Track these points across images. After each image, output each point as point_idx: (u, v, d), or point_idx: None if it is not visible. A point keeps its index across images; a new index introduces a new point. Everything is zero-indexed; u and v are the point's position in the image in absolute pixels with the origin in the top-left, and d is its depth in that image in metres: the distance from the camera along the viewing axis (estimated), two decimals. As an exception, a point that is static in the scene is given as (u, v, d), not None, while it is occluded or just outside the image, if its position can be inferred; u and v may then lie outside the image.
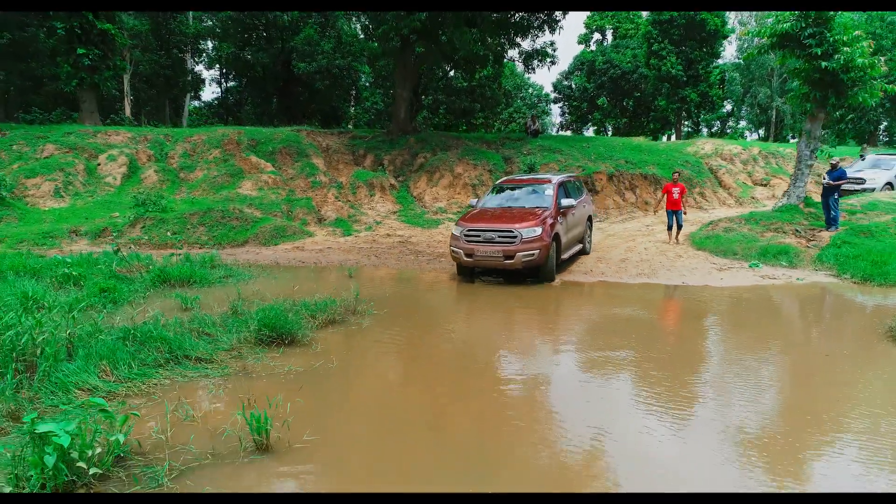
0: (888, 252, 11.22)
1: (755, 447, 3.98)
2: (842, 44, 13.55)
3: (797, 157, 14.85)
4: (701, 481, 3.55)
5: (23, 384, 4.65)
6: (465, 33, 18.82)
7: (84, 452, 3.32)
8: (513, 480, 3.55)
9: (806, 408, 4.68)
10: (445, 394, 5.03)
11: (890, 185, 17.25)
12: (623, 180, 18.61)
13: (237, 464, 3.67)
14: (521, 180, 12.00)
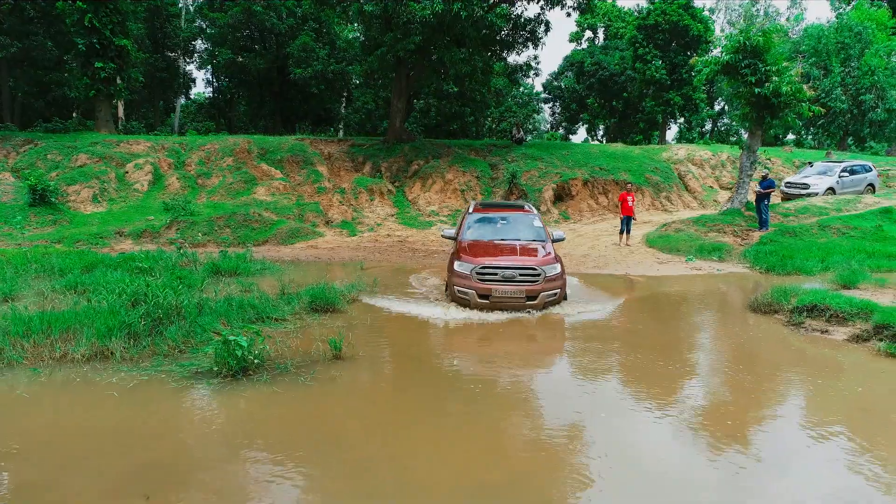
0: (797, 249, 14.87)
1: (605, 371, 7.50)
2: (773, 73, 17.20)
3: (740, 168, 18.53)
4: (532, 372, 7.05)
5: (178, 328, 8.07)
6: (455, 52, 22.34)
7: (251, 352, 6.75)
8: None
9: (656, 346, 8.21)
10: (433, 327, 8.54)
11: (832, 190, 20.88)
12: (597, 185, 22.19)
13: (326, 363, 7.12)
14: (500, 209, 12.36)
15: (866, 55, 31.88)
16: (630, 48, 42.57)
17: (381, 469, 4.76)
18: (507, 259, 9.61)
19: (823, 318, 8.88)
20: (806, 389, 6.70)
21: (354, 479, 4.58)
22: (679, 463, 4.94)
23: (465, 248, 10.05)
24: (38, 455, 4.84)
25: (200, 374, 6.64)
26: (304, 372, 6.80)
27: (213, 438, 5.27)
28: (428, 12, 19.79)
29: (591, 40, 55.34)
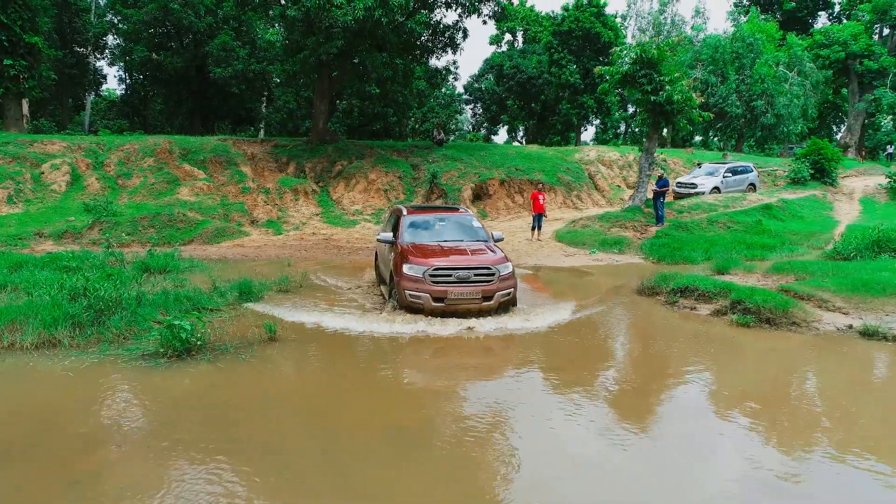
0: (686, 241, 16.85)
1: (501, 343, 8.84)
2: (667, 83, 19.22)
3: (639, 169, 20.52)
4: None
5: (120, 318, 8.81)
6: (377, 57, 23.40)
7: (194, 334, 7.63)
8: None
9: (552, 321, 9.64)
10: (352, 297, 9.65)
11: (717, 189, 23.31)
12: (513, 185, 23.80)
13: (262, 344, 8.08)
14: (434, 210, 12.36)
15: (757, 64, 35.19)
16: (546, 53, 44.85)
17: (312, 418, 5.86)
18: (460, 259, 9.43)
19: (693, 298, 10.58)
20: (674, 351, 8.25)
21: (290, 427, 5.66)
22: (559, 416, 6.28)
23: (411, 250, 9.67)
24: (14, 420, 5.66)
25: (147, 356, 7.48)
26: (243, 352, 7.75)
27: (168, 402, 6.19)
28: (349, 18, 20.72)
29: (510, 43, 57.61)
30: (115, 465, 4.84)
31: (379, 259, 11.80)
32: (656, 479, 4.70)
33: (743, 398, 6.38)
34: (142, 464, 4.83)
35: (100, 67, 43.22)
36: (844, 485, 4.63)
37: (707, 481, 4.73)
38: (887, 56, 36.47)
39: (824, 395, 6.76)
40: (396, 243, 10.13)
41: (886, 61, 36.01)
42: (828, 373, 7.58)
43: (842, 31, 37.79)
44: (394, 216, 11.70)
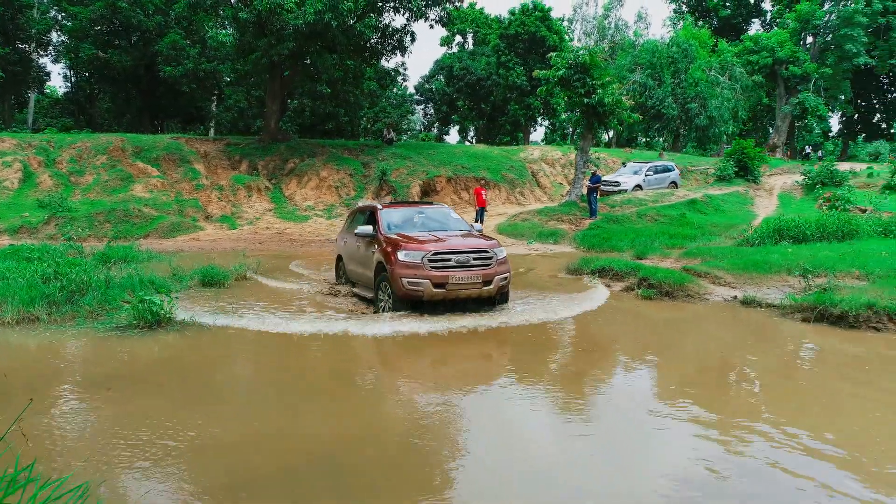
0: (615, 233, 18.53)
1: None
2: (598, 87, 20.91)
3: (575, 167, 22.19)
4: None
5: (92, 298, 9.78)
6: (327, 58, 24.49)
7: (162, 308, 8.71)
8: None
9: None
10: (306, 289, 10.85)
11: (639, 187, 25.17)
12: (459, 182, 25.21)
13: (225, 318, 9.19)
14: (410, 204, 12.43)
15: (691, 69, 37.55)
16: (494, 55, 46.57)
17: (257, 372, 7.08)
18: (457, 244, 9.22)
19: (608, 277, 12.15)
20: (588, 318, 9.73)
21: (239, 378, 6.87)
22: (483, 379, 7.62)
23: (402, 239, 9.34)
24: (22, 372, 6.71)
25: (121, 328, 8.53)
26: (206, 325, 8.88)
27: (144, 361, 7.30)
28: (300, 21, 21.75)
29: (461, 45, 59.23)
30: (111, 401, 5.97)
31: (347, 259, 11.41)
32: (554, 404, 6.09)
33: (643, 350, 7.86)
34: (129, 398, 5.97)
35: (43, 64, 42.89)
36: (693, 413, 6.11)
37: (605, 408, 6.15)
38: (810, 62, 39.34)
39: (700, 345, 8.31)
40: (380, 236, 9.78)
41: (809, 67, 38.88)
42: (707, 330, 9.16)
43: (769, 39, 40.58)
44: (363, 214, 11.43)
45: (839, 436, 4.91)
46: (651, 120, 38.25)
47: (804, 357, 7.83)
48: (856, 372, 6.95)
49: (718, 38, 43.42)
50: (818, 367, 7.45)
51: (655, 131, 41.19)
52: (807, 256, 12.72)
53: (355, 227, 11.09)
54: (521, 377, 6.60)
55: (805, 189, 26.08)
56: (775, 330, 8.89)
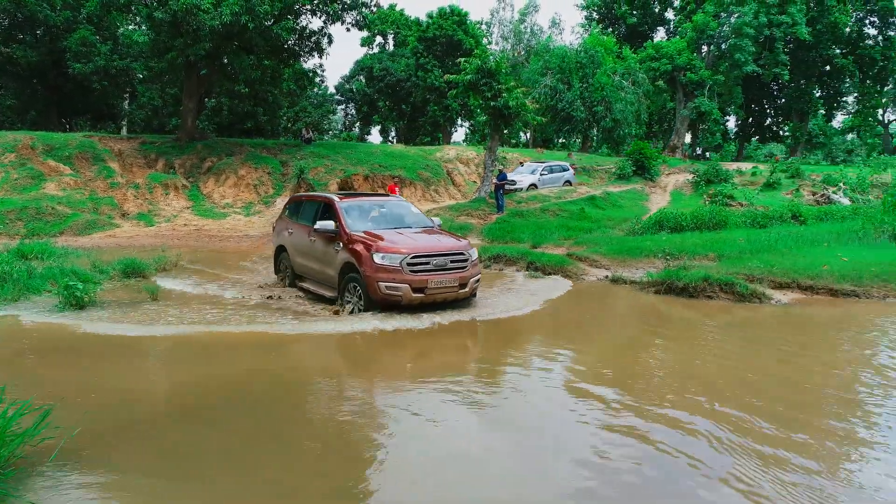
0: (519, 226, 20.20)
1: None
2: (504, 90, 22.58)
3: (484, 165, 23.82)
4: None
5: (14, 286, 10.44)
6: (244, 59, 25.16)
7: (85, 292, 9.53)
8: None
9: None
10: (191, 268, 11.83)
11: (534, 186, 27.09)
12: (376, 180, 26.39)
13: (146, 303, 10.08)
14: (366, 196, 12.14)
15: (598, 74, 40.11)
16: (413, 57, 47.97)
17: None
18: (433, 246, 9.15)
19: (502, 262, 13.72)
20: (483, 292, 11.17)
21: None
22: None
23: (373, 238, 9.06)
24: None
25: (50, 311, 9.32)
26: (130, 308, 9.78)
27: (72, 334, 8.19)
28: (217, 22, 22.34)
29: (381, 46, 60.31)
30: (47, 367, 6.90)
31: (295, 252, 11.04)
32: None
33: (524, 310, 9.38)
34: (66, 362, 6.92)
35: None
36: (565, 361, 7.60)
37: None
38: (705, 69, 42.77)
39: (568, 308, 9.91)
40: (345, 234, 9.37)
41: (704, 74, 42.27)
42: (579, 298, 10.81)
43: (669, 47, 43.80)
44: (312, 204, 10.95)
45: (614, 366, 6.58)
46: (561, 122, 40.58)
47: (641, 314, 9.62)
48: (671, 327, 8.76)
49: (623, 45, 46.37)
50: (644, 321, 9.27)
51: (566, 133, 43.63)
52: (676, 243, 14.73)
53: (303, 217, 10.87)
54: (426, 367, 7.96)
55: (694, 186, 28.76)
56: (630, 298, 10.68)
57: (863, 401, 5.79)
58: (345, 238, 9.36)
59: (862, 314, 9.42)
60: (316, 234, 10.01)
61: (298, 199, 12.11)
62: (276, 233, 12.01)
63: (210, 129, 36.02)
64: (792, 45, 44.24)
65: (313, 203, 10.99)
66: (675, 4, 55.43)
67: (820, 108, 52.49)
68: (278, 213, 22.67)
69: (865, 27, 48.93)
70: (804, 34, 41.76)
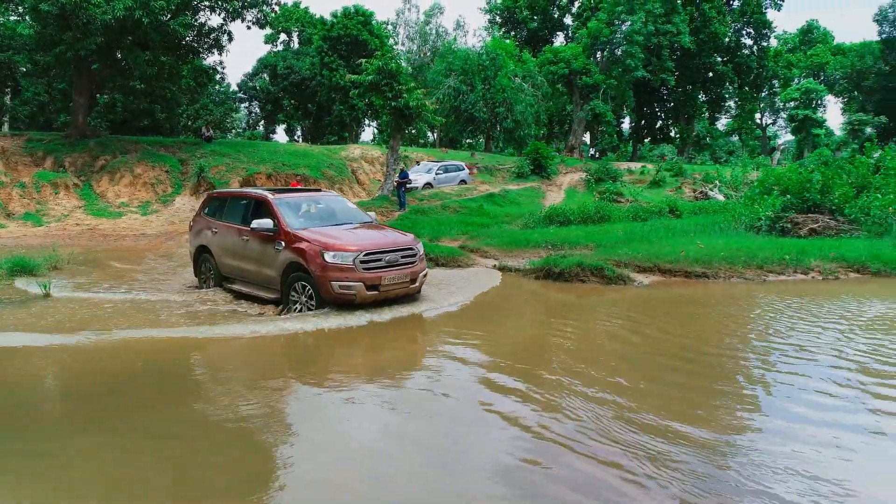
0: (420, 222, 21.03)
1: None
2: (405, 91, 23.39)
3: (387, 164, 24.56)
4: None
5: None
6: (139, 55, 24.69)
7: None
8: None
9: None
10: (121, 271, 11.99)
11: (429, 185, 28.07)
12: (280, 179, 26.57)
13: (39, 299, 10.15)
14: (301, 192, 11.96)
15: (499, 76, 41.68)
16: (318, 56, 48.01)
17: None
18: (383, 242, 9.10)
19: (399, 255, 14.50)
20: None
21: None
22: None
23: (319, 237, 8.85)
24: None
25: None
26: (23, 304, 9.86)
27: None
28: (109, 17, 21.88)
29: (286, 43, 59.78)
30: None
31: (222, 253, 10.41)
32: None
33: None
34: None
35: None
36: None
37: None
38: (599, 74, 45.27)
39: (461, 288, 10.82)
40: (287, 233, 9.05)
41: (598, 78, 44.75)
42: (469, 281, 11.73)
43: (566, 52, 46.02)
44: (239, 202, 10.51)
45: (490, 336, 7.57)
46: (465, 122, 41.88)
47: (528, 299, 10.69)
48: (541, 303, 9.86)
49: (524, 49, 48.33)
50: (528, 304, 10.34)
51: (469, 133, 45.03)
52: (561, 235, 16.04)
53: (229, 216, 10.37)
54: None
55: (587, 184, 30.68)
56: (513, 282, 11.73)
57: (680, 356, 7.00)
58: (286, 237, 9.00)
59: (705, 292, 10.87)
60: (251, 233, 9.53)
61: (221, 196, 11.50)
62: (195, 233, 11.10)
63: (103, 126, 34.78)
64: (678, 52, 47.54)
65: (241, 200, 10.48)
66: (573, 11, 58.22)
67: (704, 111, 56.67)
68: (177, 212, 22.72)
69: (742, 37, 53.32)
70: (687, 43, 45.08)
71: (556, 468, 4.30)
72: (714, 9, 48.45)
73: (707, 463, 4.32)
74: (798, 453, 4.46)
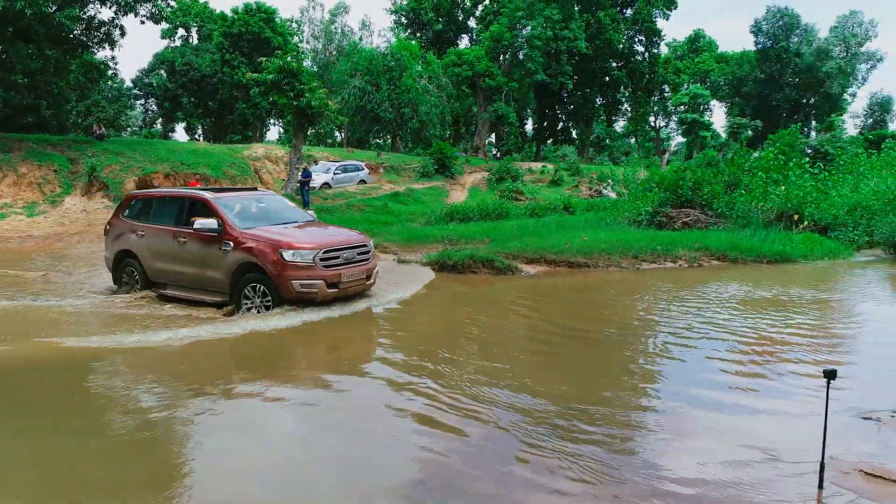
0: (323, 220, 21.26)
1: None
2: (307, 90, 23.52)
3: (290, 164, 24.61)
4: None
5: None
6: (22, 48, 23.52)
7: None
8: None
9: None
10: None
11: (327, 185, 28.31)
12: (178, 178, 25.98)
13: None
14: (240, 191, 12.14)
15: (404, 77, 42.30)
16: (218, 52, 46.94)
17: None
18: (338, 239, 9.14)
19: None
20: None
21: None
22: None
23: (272, 236, 8.73)
24: None
25: None
26: None
27: None
28: (-14, 7, 20.79)
29: (185, 39, 57.86)
30: None
31: (153, 257, 9.79)
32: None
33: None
34: None
35: None
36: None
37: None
38: (501, 76, 46.79)
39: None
40: (235, 233, 8.77)
41: (500, 80, 46.25)
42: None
43: (469, 54, 47.26)
44: (168, 203, 10.06)
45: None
46: (371, 122, 42.23)
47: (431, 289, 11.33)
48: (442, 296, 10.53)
49: (430, 50, 49.23)
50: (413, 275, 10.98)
51: (375, 133, 45.40)
52: (460, 231, 16.83)
53: (159, 218, 9.84)
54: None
55: (489, 183, 31.80)
56: (411, 273, 12.36)
57: (551, 334, 7.81)
58: (235, 237, 8.73)
59: (584, 280, 11.89)
60: (190, 235, 9.11)
61: (145, 196, 10.84)
62: (114, 237, 10.34)
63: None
64: (576, 57, 49.81)
65: (172, 201, 10.04)
66: (477, 14, 59.70)
67: (602, 114, 59.57)
68: (67, 213, 21.86)
69: (635, 44, 56.49)
70: (583, 48, 47.38)
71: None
72: (608, 16, 51.11)
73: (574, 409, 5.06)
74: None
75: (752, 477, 4.03)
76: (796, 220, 15.84)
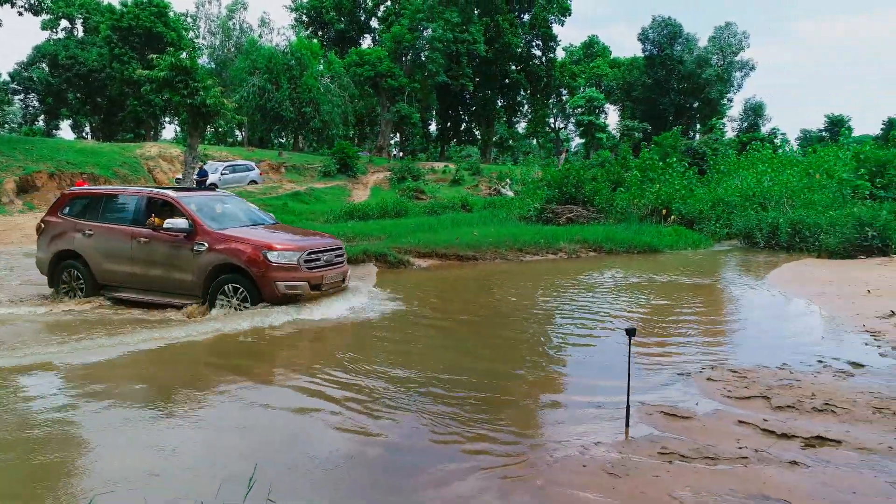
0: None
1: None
2: (202, 88, 23.24)
3: (185, 163, 24.26)
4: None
5: None
6: None
7: None
8: None
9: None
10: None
11: (214, 185, 27.78)
12: (65, 178, 25.00)
13: None
14: (202, 191, 12.06)
15: (305, 76, 42.16)
16: (106, 46, 45.02)
17: None
18: (317, 242, 9.13)
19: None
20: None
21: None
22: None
23: (253, 238, 8.61)
24: None
25: None
26: None
27: None
28: None
29: (69, 31, 54.94)
30: None
31: (107, 258, 9.21)
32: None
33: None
34: None
35: None
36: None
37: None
38: (404, 77, 47.53)
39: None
40: (205, 232, 8.52)
41: (403, 81, 46.97)
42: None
43: (371, 54, 47.68)
44: (128, 202, 9.50)
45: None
46: (271, 121, 41.84)
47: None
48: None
49: (331, 50, 49.24)
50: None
51: (276, 132, 44.99)
52: (359, 228, 17.34)
53: (111, 216, 9.38)
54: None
55: (391, 182, 32.42)
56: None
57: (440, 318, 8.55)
58: (209, 238, 8.46)
59: (472, 271, 12.75)
60: (153, 235, 8.76)
61: (91, 195, 10.25)
62: (53, 237, 9.58)
63: None
64: (477, 60, 51.25)
65: (127, 199, 9.56)
66: (379, 14, 60.16)
67: (503, 115, 61.48)
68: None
69: (533, 48, 58.70)
70: (483, 51, 48.85)
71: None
72: (507, 21, 52.88)
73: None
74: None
75: (573, 418, 4.88)
76: (665, 214, 17.43)
